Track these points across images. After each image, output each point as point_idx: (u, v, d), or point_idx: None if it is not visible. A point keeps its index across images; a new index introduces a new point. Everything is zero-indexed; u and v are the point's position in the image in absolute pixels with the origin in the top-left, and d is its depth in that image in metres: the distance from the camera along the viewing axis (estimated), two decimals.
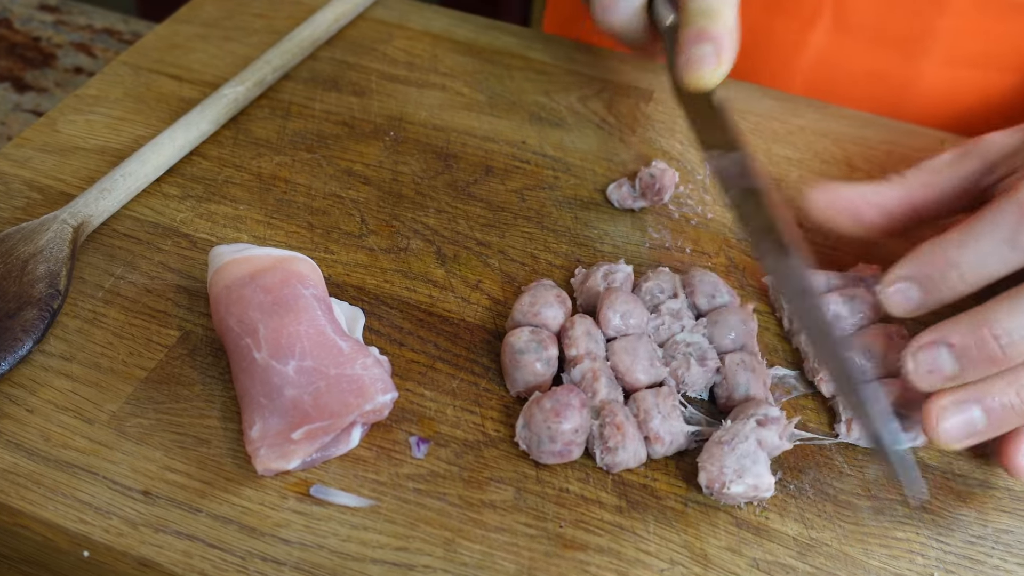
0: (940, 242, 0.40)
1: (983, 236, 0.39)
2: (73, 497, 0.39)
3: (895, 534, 0.41)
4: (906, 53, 0.64)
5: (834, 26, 0.64)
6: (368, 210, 0.52)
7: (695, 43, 0.47)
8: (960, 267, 0.40)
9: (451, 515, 0.40)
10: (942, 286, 0.40)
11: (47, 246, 0.47)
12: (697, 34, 0.47)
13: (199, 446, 0.41)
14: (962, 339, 0.39)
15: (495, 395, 0.44)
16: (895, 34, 0.64)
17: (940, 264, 0.40)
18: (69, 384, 0.43)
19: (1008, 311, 0.38)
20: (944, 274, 0.40)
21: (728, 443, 0.40)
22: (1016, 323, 0.38)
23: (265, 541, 0.38)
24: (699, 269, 0.47)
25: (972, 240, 0.40)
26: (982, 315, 0.39)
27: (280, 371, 0.41)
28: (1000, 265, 0.39)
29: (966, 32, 0.62)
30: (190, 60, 0.61)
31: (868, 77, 0.66)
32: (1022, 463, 0.41)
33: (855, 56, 0.65)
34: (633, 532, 0.40)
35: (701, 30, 0.47)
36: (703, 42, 0.47)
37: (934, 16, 0.62)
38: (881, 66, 0.65)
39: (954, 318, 0.40)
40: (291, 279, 0.44)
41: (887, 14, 0.63)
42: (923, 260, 0.41)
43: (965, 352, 0.39)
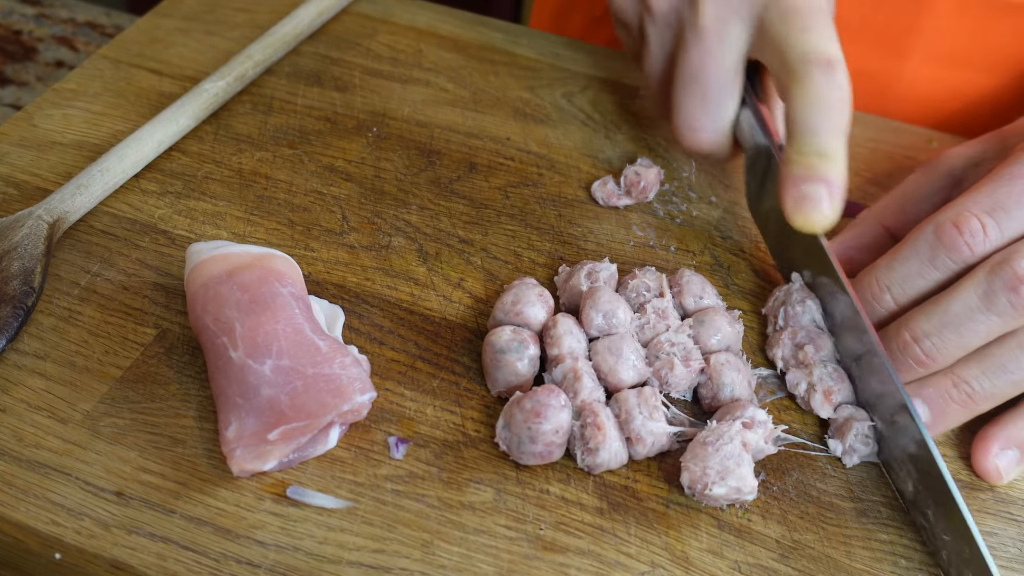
0: (872, 268, 0.44)
1: (907, 258, 0.43)
2: (45, 498, 0.39)
3: (879, 536, 0.40)
4: (890, 51, 0.64)
5: None
6: (350, 207, 0.52)
7: (807, 181, 0.43)
8: (891, 288, 0.43)
9: (429, 517, 0.39)
10: (878, 307, 0.44)
11: (22, 243, 0.46)
12: (810, 173, 0.43)
13: (174, 446, 0.41)
14: (889, 344, 0.43)
15: (476, 395, 0.44)
16: (879, 32, 0.63)
17: (874, 288, 0.44)
18: (43, 383, 0.42)
19: (926, 315, 0.42)
20: (877, 296, 0.44)
21: (712, 444, 0.39)
22: (932, 325, 0.41)
23: (240, 543, 0.38)
24: (687, 269, 0.47)
25: (897, 263, 0.43)
26: (904, 321, 0.42)
27: (256, 370, 0.40)
28: (925, 282, 0.43)
29: (949, 31, 0.62)
30: (170, 54, 0.61)
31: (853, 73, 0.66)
32: (990, 466, 0.42)
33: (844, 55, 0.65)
34: (614, 534, 0.39)
35: (815, 170, 0.43)
36: (816, 182, 0.43)
37: (917, 15, 0.62)
38: (865, 64, 0.64)
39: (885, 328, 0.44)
40: (269, 277, 0.43)
41: (871, 12, 0.63)
42: (860, 286, 0.44)
43: (894, 357, 0.42)
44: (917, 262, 0.43)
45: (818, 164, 0.43)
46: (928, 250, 0.42)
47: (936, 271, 0.42)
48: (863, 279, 0.44)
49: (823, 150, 0.43)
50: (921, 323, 0.42)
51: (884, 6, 0.62)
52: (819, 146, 0.43)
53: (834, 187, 0.43)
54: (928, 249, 0.42)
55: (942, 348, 0.41)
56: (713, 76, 0.48)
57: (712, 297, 0.46)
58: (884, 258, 0.44)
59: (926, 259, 0.42)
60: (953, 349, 0.41)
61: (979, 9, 0.61)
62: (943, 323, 0.41)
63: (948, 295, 0.41)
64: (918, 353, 0.42)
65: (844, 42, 0.64)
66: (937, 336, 0.41)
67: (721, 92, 0.48)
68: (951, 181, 0.48)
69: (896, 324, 0.43)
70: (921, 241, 0.43)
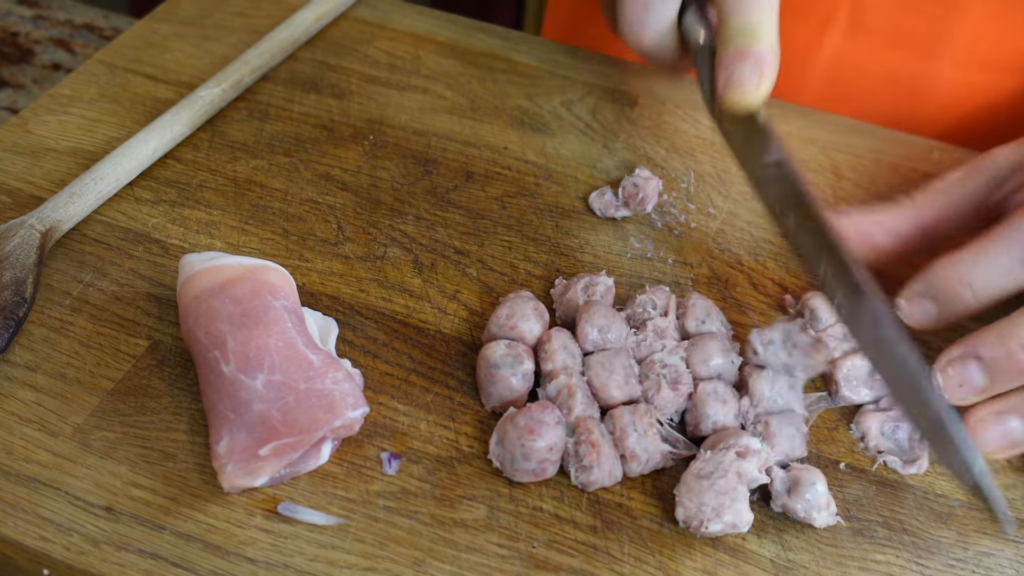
0: (953, 260, 0.41)
1: (995, 255, 0.41)
2: (34, 513, 0.38)
3: (874, 556, 0.40)
4: (921, 55, 0.63)
5: (850, 28, 0.63)
6: (345, 217, 0.51)
7: (735, 62, 0.45)
8: (972, 285, 0.41)
9: (421, 534, 0.39)
10: (956, 304, 0.41)
11: (14, 252, 0.46)
12: (737, 53, 0.45)
13: (165, 461, 0.40)
14: (990, 352, 0.40)
15: (470, 409, 0.43)
16: (911, 36, 0.63)
17: (953, 282, 0.41)
18: (33, 395, 0.42)
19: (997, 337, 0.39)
20: (957, 292, 0.41)
21: (707, 477, 0.39)
22: (999, 352, 0.39)
23: (230, 560, 0.37)
24: (697, 294, 0.46)
25: (984, 259, 0.41)
26: (1008, 327, 0.40)
27: (248, 385, 0.40)
28: (1011, 283, 0.41)
29: (981, 35, 0.61)
30: (167, 59, 0.60)
31: (883, 79, 0.65)
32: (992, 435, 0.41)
33: (871, 58, 0.65)
34: (607, 553, 0.39)
35: (741, 49, 0.45)
36: (744, 61, 0.45)
37: (950, 18, 0.61)
38: (896, 68, 0.64)
39: (981, 331, 0.41)
40: (262, 290, 0.43)
41: (903, 16, 0.62)
42: (937, 278, 0.42)
43: (994, 364, 0.40)
44: (1008, 260, 0.40)
45: (745, 42, 0.44)
46: (1019, 249, 0.40)
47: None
48: (941, 271, 0.42)
49: (747, 25, 0.44)
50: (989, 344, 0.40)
51: (916, 10, 0.61)
52: (743, 22, 0.44)
53: (762, 61, 0.43)
54: (1020, 248, 0.40)
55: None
56: None
57: (716, 324, 0.45)
58: (968, 251, 0.41)
59: (1017, 258, 0.40)
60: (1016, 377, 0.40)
61: (1009, 12, 0.60)
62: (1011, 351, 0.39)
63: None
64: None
65: (876, 46, 0.64)
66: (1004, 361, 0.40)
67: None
68: (994, 182, 0.46)
69: (998, 330, 0.40)
70: (1012, 236, 0.40)
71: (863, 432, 0.43)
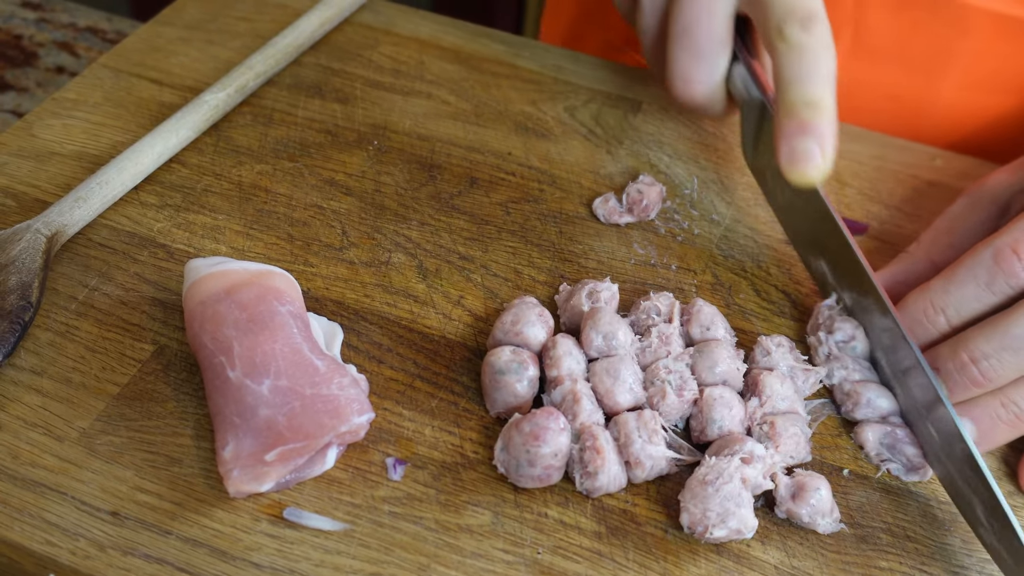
0: (926, 290, 0.45)
1: (962, 282, 0.44)
2: (40, 518, 0.38)
3: (878, 563, 0.40)
4: (925, 74, 0.63)
5: (854, 46, 0.64)
6: (350, 222, 0.52)
7: (797, 135, 0.44)
8: (945, 311, 0.44)
9: (427, 540, 0.39)
10: (931, 329, 0.45)
11: (19, 256, 0.46)
12: (800, 126, 0.44)
13: (171, 465, 0.40)
14: (944, 364, 0.43)
15: (475, 415, 0.43)
16: (915, 55, 0.63)
17: (928, 310, 0.44)
18: (39, 400, 0.42)
19: (985, 337, 0.42)
20: (931, 319, 0.44)
21: (712, 483, 0.39)
22: (992, 347, 0.42)
23: (236, 565, 0.37)
24: (701, 300, 0.46)
25: (953, 287, 0.44)
26: (962, 342, 0.43)
27: (254, 390, 0.40)
28: (980, 306, 0.44)
29: (983, 56, 0.62)
30: (171, 64, 0.60)
31: (886, 97, 0.66)
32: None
33: (874, 76, 0.65)
34: (612, 559, 0.39)
35: (804, 122, 0.44)
36: (807, 135, 0.44)
37: (954, 38, 0.61)
38: (899, 86, 0.64)
39: (936, 347, 0.44)
40: (267, 295, 0.43)
41: (907, 35, 0.62)
42: (911, 308, 0.45)
43: (948, 376, 0.43)
44: (974, 286, 0.43)
45: (806, 115, 0.44)
46: (985, 274, 0.43)
47: (993, 296, 0.43)
48: (915, 300, 0.45)
49: (809, 99, 0.44)
50: (980, 344, 0.42)
51: (921, 29, 0.61)
52: (805, 95, 0.44)
53: (824, 138, 0.44)
54: (985, 273, 0.43)
55: (1000, 369, 0.42)
56: (705, 29, 0.49)
57: (721, 330, 0.45)
58: (938, 280, 0.45)
59: (983, 283, 0.43)
60: (1011, 371, 0.42)
61: (1012, 34, 0.60)
62: (1003, 345, 0.42)
63: (1009, 317, 0.42)
64: (975, 374, 0.42)
65: (880, 65, 0.64)
66: (996, 358, 0.42)
67: (713, 44, 0.49)
68: (997, 210, 0.49)
69: (952, 343, 0.43)
70: (978, 265, 0.43)
71: (861, 443, 0.44)
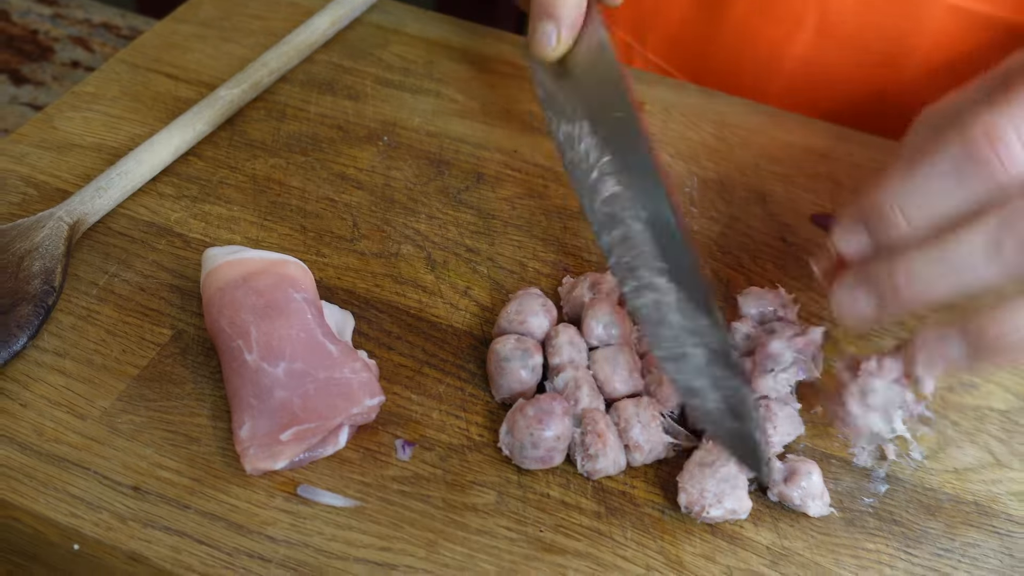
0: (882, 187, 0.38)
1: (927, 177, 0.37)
2: (65, 491, 0.40)
3: (865, 545, 0.42)
4: (885, 62, 0.65)
5: (817, 32, 0.66)
6: (360, 214, 0.53)
7: (539, 19, 0.49)
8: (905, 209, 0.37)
9: (434, 517, 0.41)
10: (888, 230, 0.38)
11: (43, 243, 0.47)
12: (541, 9, 0.49)
13: (189, 444, 0.42)
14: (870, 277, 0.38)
15: (480, 400, 0.45)
16: (875, 43, 0.65)
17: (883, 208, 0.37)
18: (63, 380, 0.44)
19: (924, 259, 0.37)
20: (888, 219, 0.37)
21: (710, 466, 0.41)
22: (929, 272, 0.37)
23: (252, 538, 0.39)
24: None
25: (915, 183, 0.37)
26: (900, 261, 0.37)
27: (270, 373, 0.42)
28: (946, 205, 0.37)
29: (942, 46, 0.63)
30: (187, 60, 0.62)
31: (849, 82, 0.67)
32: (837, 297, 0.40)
33: (837, 60, 0.66)
34: (611, 537, 0.41)
35: (545, 7, 0.49)
36: (545, 20, 0.49)
37: (913, 28, 0.63)
38: (862, 74, 0.66)
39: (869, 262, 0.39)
40: (283, 283, 0.45)
41: (868, 22, 0.64)
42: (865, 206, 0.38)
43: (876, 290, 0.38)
44: (939, 181, 0.36)
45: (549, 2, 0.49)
46: (953, 167, 0.36)
47: (962, 191, 0.36)
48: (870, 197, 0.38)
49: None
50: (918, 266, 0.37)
51: (880, 17, 0.63)
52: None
53: (561, 21, 0.49)
54: (952, 166, 0.36)
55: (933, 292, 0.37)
56: None
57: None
58: (896, 176, 0.37)
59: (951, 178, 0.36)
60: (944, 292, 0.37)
61: (970, 26, 0.62)
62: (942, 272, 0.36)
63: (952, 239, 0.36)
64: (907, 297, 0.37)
65: (842, 51, 0.65)
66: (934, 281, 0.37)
67: None
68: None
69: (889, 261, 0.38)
70: (944, 157, 0.36)
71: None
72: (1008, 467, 0.45)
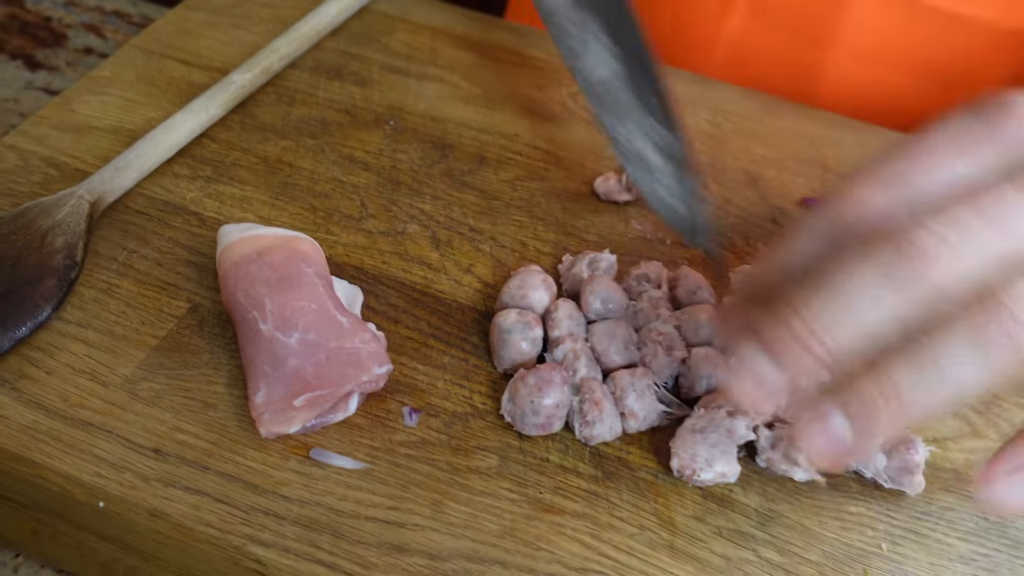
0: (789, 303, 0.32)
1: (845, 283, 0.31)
2: (90, 453, 0.42)
3: (848, 508, 0.44)
4: (814, 43, 0.67)
5: (749, 11, 0.67)
6: (368, 195, 0.55)
7: None
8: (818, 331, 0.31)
9: (439, 479, 0.43)
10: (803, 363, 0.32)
11: (65, 220, 0.50)
12: None
13: (206, 410, 0.44)
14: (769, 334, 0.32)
15: (483, 371, 0.47)
16: (805, 23, 0.66)
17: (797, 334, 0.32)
18: (85, 349, 0.46)
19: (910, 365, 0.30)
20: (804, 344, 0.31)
21: (701, 432, 0.43)
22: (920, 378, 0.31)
23: (268, 498, 0.41)
24: (688, 269, 0.50)
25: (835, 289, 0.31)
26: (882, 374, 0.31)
27: (284, 342, 0.44)
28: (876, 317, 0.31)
29: (867, 28, 0.65)
30: (199, 46, 0.64)
31: (780, 63, 0.69)
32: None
33: (768, 42, 0.68)
34: (607, 499, 0.43)
35: None
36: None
37: (838, 8, 0.65)
38: (792, 53, 0.67)
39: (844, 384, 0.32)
40: (295, 257, 0.47)
41: (796, 3, 0.66)
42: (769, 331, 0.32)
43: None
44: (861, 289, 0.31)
45: None
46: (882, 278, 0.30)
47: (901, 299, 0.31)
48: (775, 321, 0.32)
49: None
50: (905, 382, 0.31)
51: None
52: None
53: None
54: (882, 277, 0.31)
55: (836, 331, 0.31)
56: None
57: (706, 295, 0.49)
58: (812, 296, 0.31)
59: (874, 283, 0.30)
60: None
61: (896, 8, 0.64)
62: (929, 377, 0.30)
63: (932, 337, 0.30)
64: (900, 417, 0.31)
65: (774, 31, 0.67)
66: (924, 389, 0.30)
67: None
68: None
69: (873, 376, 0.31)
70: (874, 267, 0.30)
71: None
72: (986, 437, 0.48)
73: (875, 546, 0.43)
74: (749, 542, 0.42)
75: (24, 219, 0.49)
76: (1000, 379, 0.31)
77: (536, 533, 0.42)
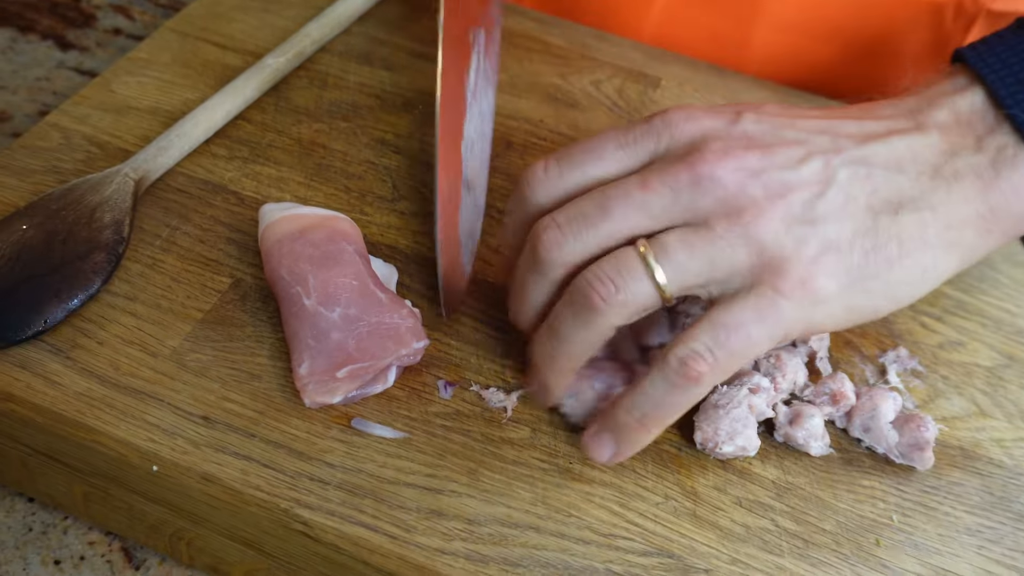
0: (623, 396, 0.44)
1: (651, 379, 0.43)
2: (142, 419, 0.44)
3: (861, 482, 0.46)
4: (738, 16, 0.69)
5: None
6: (399, 177, 0.57)
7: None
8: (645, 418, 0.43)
9: (474, 449, 0.45)
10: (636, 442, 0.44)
11: (112, 196, 0.51)
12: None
13: (252, 380, 0.46)
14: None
15: (514, 348, 0.49)
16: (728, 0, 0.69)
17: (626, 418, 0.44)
18: (134, 321, 0.48)
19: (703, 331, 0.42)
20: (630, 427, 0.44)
21: (723, 407, 0.45)
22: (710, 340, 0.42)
23: (312, 464, 0.44)
24: None
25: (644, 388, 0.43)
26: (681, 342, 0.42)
27: (327, 317, 0.46)
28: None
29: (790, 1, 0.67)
30: (232, 29, 0.66)
31: (708, 37, 0.71)
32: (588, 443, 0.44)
33: (696, 16, 0.70)
34: (633, 470, 0.45)
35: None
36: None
37: None
38: (719, 27, 0.70)
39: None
40: (336, 236, 0.49)
41: None
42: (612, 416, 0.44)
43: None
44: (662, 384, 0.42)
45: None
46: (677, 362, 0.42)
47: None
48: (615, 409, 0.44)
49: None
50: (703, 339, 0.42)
51: None
52: None
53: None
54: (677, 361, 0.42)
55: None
56: None
57: None
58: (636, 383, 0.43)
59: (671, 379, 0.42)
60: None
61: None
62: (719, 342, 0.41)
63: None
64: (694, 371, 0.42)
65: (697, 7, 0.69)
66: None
67: None
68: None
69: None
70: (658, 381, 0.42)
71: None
72: (991, 417, 0.50)
73: (886, 518, 0.45)
74: (767, 512, 0.45)
75: (73, 195, 0.51)
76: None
77: (567, 500, 0.44)
